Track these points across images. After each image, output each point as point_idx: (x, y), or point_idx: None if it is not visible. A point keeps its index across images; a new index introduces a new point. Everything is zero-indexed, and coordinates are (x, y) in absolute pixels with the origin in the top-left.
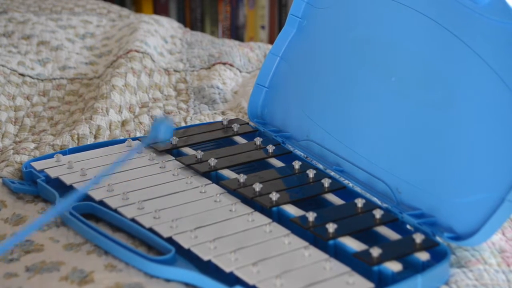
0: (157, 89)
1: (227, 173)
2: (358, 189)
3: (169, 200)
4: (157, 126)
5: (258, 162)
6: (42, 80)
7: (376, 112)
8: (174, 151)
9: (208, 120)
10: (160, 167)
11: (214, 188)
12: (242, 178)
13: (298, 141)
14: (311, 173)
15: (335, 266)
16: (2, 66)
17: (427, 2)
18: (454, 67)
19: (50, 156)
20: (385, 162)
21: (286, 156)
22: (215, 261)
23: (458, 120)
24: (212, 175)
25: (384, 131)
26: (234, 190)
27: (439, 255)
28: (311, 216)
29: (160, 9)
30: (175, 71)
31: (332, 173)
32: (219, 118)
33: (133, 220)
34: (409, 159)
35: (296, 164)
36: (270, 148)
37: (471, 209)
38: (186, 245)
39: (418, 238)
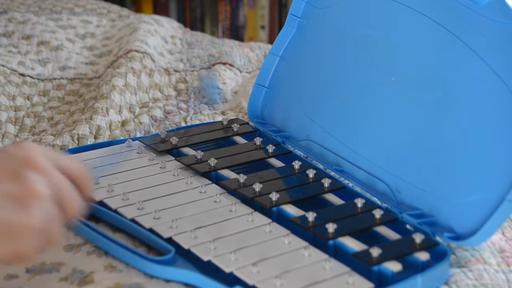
0: (157, 89)
1: (227, 173)
2: (358, 189)
3: (169, 200)
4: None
5: (258, 162)
6: (42, 80)
7: (376, 112)
8: (174, 151)
9: (208, 120)
10: (160, 168)
11: (214, 188)
12: (242, 178)
13: (298, 141)
14: (311, 173)
15: (335, 266)
16: (2, 66)
17: (427, 2)
18: (454, 67)
19: None
20: (385, 162)
21: (286, 156)
22: (215, 261)
23: (458, 120)
24: (212, 175)
25: (384, 131)
26: (234, 190)
27: (439, 255)
28: (311, 216)
29: (160, 9)
30: (175, 71)
31: (332, 173)
32: (219, 118)
33: (133, 220)
34: (409, 159)
35: (296, 164)
36: (270, 148)
37: (471, 209)
38: (186, 246)
39: (418, 238)
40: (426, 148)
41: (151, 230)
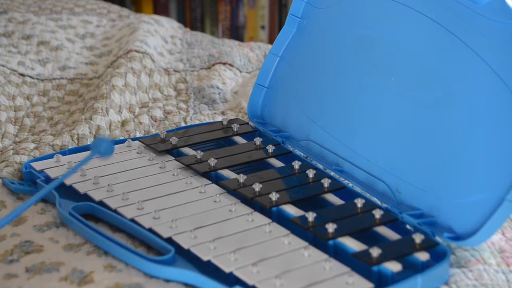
0: (157, 89)
1: (227, 173)
2: (358, 189)
3: (168, 200)
4: (97, 144)
5: (258, 162)
6: (42, 80)
7: (376, 112)
8: (174, 151)
9: (208, 120)
10: (160, 167)
11: (213, 188)
12: (242, 178)
13: (298, 141)
14: (311, 173)
15: (335, 266)
16: (2, 66)
17: (427, 2)
18: (454, 67)
19: (50, 156)
20: (385, 162)
21: (286, 156)
22: (215, 261)
23: (458, 120)
24: (212, 175)
25: (384, 131)
26: (233, 190)
27: (439, 255)
28: (310, 216)
29: (160, 9)
30: (175, 71)
31: (332, 173)
32: (219, 118)
33: (132, 220)
34: (409, 159)
35: (296, 164)
36: (270, 148)
37: (471, 209)
38: (185, 245)
39: (418, 238)
40: (426, 148)
41: (150, 230)
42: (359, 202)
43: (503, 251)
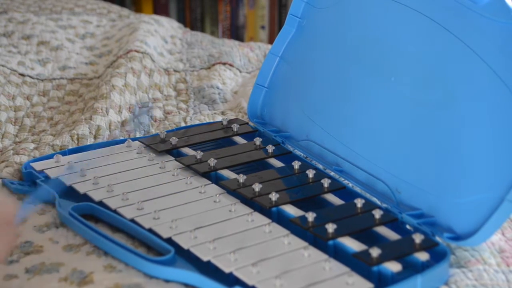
0: (157, 89)
1: (226, 173)
2: (357, 189)
3: (168, 200)
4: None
5: (258, 162)
6: (42, 80)
7: (376, 112)
8: (174, 151)
9: (208, 120)
10: (160, 168)
11: (213, 189)
12: (241, 178)
13: (297, 141)
14: (310, 173)
15: (334, 266)
16: (2, 66)
17: (427, 2)
18: (453, 67)
19: (50, 156)
20: (385, 162)
21: (286, 156)
22: (215, 261)
23: (458, 120)
24: (212, 176)
25: (384, 131)
26: (233, 191)
27: (438, 255)
28: (310, 216)
29: (160, 9)
30: (175, 71)
31: (332, 173)
32: (219, 118)
33: (132, 220)
34: (409, 159)
35: (296, 164)
36: (270, 148)
37: (471, 209)
38: (185, 246)
39: (418, 238)
40: (426, 148)
41: (150, 230)
42: (359, 202)
43: (503, 251)
